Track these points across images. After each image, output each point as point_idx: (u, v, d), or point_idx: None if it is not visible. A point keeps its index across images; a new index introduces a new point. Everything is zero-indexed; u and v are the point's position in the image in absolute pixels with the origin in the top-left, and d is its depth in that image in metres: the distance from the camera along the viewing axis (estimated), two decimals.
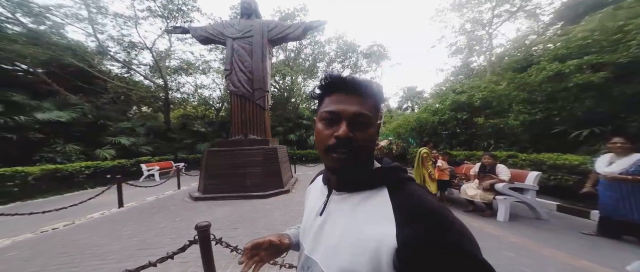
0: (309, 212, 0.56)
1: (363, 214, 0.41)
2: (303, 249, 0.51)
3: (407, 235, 0.34)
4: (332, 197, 0.49)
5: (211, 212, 4.23)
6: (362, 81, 0.43)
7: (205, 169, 5.51)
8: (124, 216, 4.20)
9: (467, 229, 0.36)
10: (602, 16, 4.65)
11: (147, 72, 14.34)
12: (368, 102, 0.43)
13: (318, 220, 0.49)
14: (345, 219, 0.43)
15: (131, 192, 5.89)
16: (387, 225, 0.37)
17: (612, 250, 2.41)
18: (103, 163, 8.01)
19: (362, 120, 0.42)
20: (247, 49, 6.22)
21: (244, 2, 6.46)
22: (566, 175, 3.89)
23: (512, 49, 8.35)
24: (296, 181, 7.04)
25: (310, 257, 0.47)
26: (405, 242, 0.34)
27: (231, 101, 6.39)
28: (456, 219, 0.37)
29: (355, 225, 0.40)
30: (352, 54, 16.71)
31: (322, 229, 0.47)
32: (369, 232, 0.38)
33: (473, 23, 13.92)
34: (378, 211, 0.40)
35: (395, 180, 0.44)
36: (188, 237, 3.04)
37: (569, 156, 4.08)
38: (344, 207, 0.45)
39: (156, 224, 3.66)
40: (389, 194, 0.41)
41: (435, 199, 0.40)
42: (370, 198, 0.42)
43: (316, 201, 0.54)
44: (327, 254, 0.43)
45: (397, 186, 0.43)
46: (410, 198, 0.40)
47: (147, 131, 12.10)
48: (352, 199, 0.44)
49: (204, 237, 1.84)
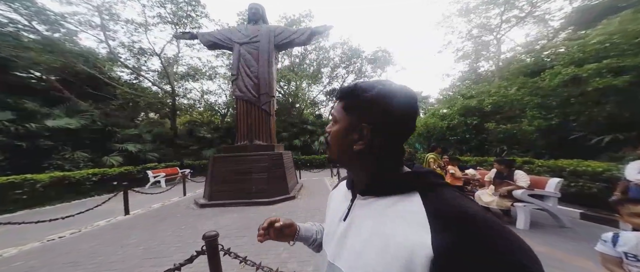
0: (331, 218, 0.54)
1: (392, 220, 0.38)
2: (326, 255, 0.49)
3: (446, 243, 0.31)
4: (357, 201, 0.47)
5: (217, 219, 4.14)
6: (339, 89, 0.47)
7: (211, 175, 5.46)
8: (129, 223, 4.16)
9: (521, 239, 0.31)
10: (622, 19, 4.55)
11: (155, 79, 14.65)
12: (341, 104, 0.47)
13: (342, 225, 0.47)
14: (371, 224, 0.40)
15: (137, 199, 5.88)
16: (421, 232, 0.34)
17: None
18: (110, 170, 8.07)
19: (332, 120, 0.49)
20: (254, 54, 6.27)
21: (251, 7, 6.56)
22: (589, 182, 3.73)
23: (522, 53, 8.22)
24: (301, 187, 6.93)
25: (333, 264, 0.45)
26: (443, 251, 0.31)
27: (237, 106, 6.40)
28: (506, 227, 0.32)
29: (383, 231, 0.38)
30: (357, 59, 16.78)
31: (346, 235, 0.45)
32: (400, 239, 0.35)
33: (480, 28, 13.88)
34: (409, 217, 0.36)
35: (429, 184, 0.40)
36: (194, 245, 2.99)
37: (591, 162, 3.92)
38: (369, 212, 0.42)
39: (162, 232, 3.58)
40: (421, 199, 0.38)
41: (477, 205, 0.36)
42: (399, 203, 0.39)
43: (339, 205, 0.52)
44: (351, 261, 0.41)
45: (431, 191, 0.39)
46: (448, 203, 0.36)
47: (153, 138, 12.24)
48: (379, 203, 0.42)
49: (211, 247, 1.76)
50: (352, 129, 0.44)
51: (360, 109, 0.43)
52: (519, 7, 12.06)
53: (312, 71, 16.61)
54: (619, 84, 4.20)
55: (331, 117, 0.49)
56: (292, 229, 0.65)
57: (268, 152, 5.69)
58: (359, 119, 0.43)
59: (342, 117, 0.46)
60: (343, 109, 0.46)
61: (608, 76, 4.42)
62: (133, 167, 8.93)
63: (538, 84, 5.58)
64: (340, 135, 0.46)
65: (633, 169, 2.58)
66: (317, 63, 16.85)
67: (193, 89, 16.14)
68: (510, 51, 12.74)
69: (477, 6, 13.01)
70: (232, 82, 6.44)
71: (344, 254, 0.43)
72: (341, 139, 0.46)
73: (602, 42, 4.58)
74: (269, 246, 2.96)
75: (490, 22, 13.36)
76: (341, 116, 0.46)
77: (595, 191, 3.59)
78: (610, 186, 3.13)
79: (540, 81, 5.50)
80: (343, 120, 0.46)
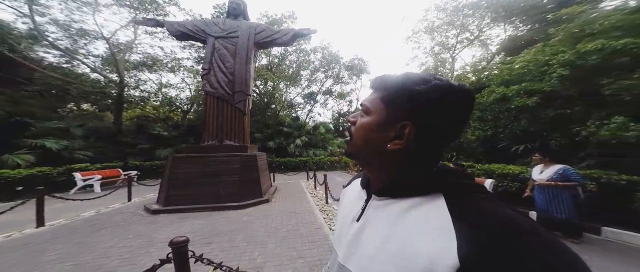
0: (343, 217, 0.50)
1: (411, 224, 0.35)
2: (336, 255, 0.46)
3: (476, 252, 0.27)
4: (372, 202, 0.43)
5: (176, 226, 3.53)
6: (377, 77, 0.44)
7: (169, 177, 4.71)
8: (45, 237, 3.17)
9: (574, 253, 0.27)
10: (535, 50, 5.88)
11: (98, 65, 12.25)
12: (375, 95, 0.42)
13: (354, 226, 0.43)
14: (387, 228, 0.37)
15: (58, 208, 4.61)
16: (445, 238, 0.30)
17: None
18: (11, 172, 6.13)
19: (362, 110, 0.43)
20: (231, 50, 5.91)
21: (232, 2, 6.27)
22: (510, 182, 4.54)
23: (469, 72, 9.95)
24: (276, 190, 6.57)
25: (344, 266, 0.41)
26: (472, 262, 0.27)
27: (206, 103, 5.82)
28: (556, 237, 0.28)
29: (399, 236, 0.35)
30: (335, 65, 17.27)
31: (359, 237, 0.41)
32: (419, 245, 0.32)
33: (440, 46, 16.12)
34: (432, 221, 0.33)
35: (456, 185, 0.37)
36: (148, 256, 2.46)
37: (512, 166, 4.83)
38: (386, 215, 0.39)
39: (100, 244, 2.85)
40: (446, 202, 0.34)
41: (517, 211, 0.32)
42: (420, 206, 0.36)
43: (353, 205, 0.49)
44: (363, 265, 0.38)
45: (458, 193, 0.35)
46: (478, 207, 0.32)
47: (87, 133, 10.00)
48: (397, 205, 0.38)
49: (180, 254, 1.50)
50: (390, 126, 0.38)
51: (406, 105, 0.37)
52: (470, 30, 14.58)
53: (291, 73, 16.37)
54: (530, 104, 5.40)
55: (361, 106, 0.43)
56: None
57: (240, 153, 5.28)
58: (402, 116, 0.37)
59: (378, 110, 0.40)
60: (382, 101, 0.40)
61: (524, 97, 5.62)
62: (51, 169, 7.00)
63: (479, 99, 6.78)
64: (371, 129, 0.40)
65: (536, 172, 3.28)
66: (297, 65, 16.73)
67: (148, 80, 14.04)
68: (461, 69, 15.05)
69: (440, 26, 15.19)
70: (202, 76, 5.89)
71: (355, 257, 0.40)
72: (373, 134, 0.40)
73: (522, 68, 5.83)
74: (242, 250, 2.67)
75: (448, 41, 15.64)
76: (377, 109, 0.40)
77: (515, 190, 4.38)
78: (523, 185, 3.89)
79: (480, 97, 6.72)
80: (378, 114, 0.40)
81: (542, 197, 3.09)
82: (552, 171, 3.03)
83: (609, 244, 2.90)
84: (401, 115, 0.37)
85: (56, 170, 7.09)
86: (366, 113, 0.42)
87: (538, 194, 3.15)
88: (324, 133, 15.26)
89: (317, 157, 13.36)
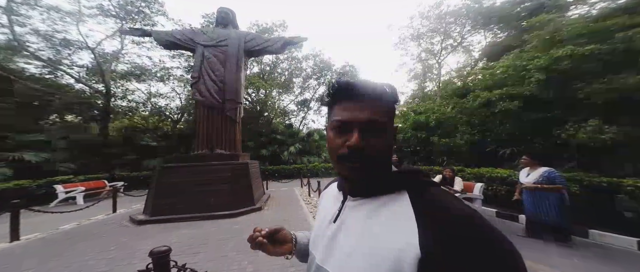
0: (321, 219, 0.52)
1: (381, 221, 0.38)
2: (314, 258, 0.47)
3: (433, 243, 0.31)
4: (347, 203, 0.46)
5: (163, 236, 3.41)
6: (372, 85, 0.40)
7: (157, 187, 4.58)
8: (20, 250, 3.00)
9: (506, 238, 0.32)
10: (513, 56, 6.14)
11: (83, 75, 11.94)
12: (380, 107, 0.40)
13: (332, 227, 0.45)
14: (361, 226, 0.40)
15: (36, 221, 4.36)
16: (409, 233, 0.33)
17: (540, 248, 2.80)
18: None
19: (375, 127, 0.39)
20: (220, 58, 5.95)
21: (221, 11, 6.37)
22: (499, 185, 4.60)
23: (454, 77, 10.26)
24: (268, 197, 6.47)
25: (322, 267, 0.43)
26: (430, 251, 0.30)
27: (197, 112, 5.78)
28: (494, 226, 0.32)
29: (372, 233, 0.37)
30: (327, 71, 17.43)
31: (335, 237, 0.43)
32: (389, 240, 0.35)
33: (427, 52, 16.72)
34: (398, 218, 0.36)
35: (417, 184, 0.41)
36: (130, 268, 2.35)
37: (500, 169, 4.91)
38: (359, 214, 0.42)
39: (78, 257, 2.72)
40: (410, 199, 0.38)
41: (464, 204, 0.36)
42: (388, 204, 0.39)
43: (330, 207, 0.51)
44: (341, 264, 0.39)
45: (420, 190, 0.39)
46: (435, 202, 0.36)
47: (70, 145, 9.60)
48: (369, 204, 0.41)
49: (161, 265, 1.42)
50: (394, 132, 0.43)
51: (392, 109, 0.42)
52: (453, 37, 15.25)
53: (284, 80, 16.43)
54: (513, 107, 5.58)
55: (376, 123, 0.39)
56: (283, 235, 0.57)
57: (231, 162, 5.21)
58: (391, 120, 0.41)
59: (390, 121, 0.41)
60: (386, 112, 0.40)
61: (507, 101, 5.80)
62: (30, 182, 6.65)
63: (465, 104, 7.00)
64: (390, 144, 0.41)
65: (523, 175, 3.26)
66: (289, 73, 16.83)
67: (137, 90, 13.75)
68: (447, 74, 15.62)
69: (425, 32, 15.82)
70: (192, 85, 5.88)
71: (333, 257, 0.42)
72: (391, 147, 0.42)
73: (503, 73, 6.04)
74: (231, 260, 2.61)
75: (434, 47, 16.26)
76: (387, 120, 0.40)
77: (504, 193, 4.44)
78: (512, 188, 3.90)
79: (466, 102, 6.94)
80: (388, 125, 0.40)
81: (530, 200, 3.08)
82: (538, 174, 3.03)
83: (597, 247, 2.87)
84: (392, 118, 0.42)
85: (36, 183, 6.73)
86: (382, 127, 0.40)
87: (526, 197, 3.14)
88: (318, 140, 15.27)
89: (311, 164, 13.30)
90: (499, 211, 4.37)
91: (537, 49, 5.63)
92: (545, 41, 5.47)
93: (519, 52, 6.17)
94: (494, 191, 4.66)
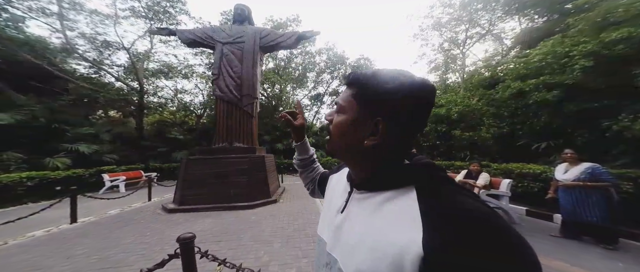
0: (329, 205, 0.53)
1: (385, 216, 0.37)
2: (324, 243, 0.48)
3: (437, 242, 0.29)
4: (353, 195, 0.45)
5: (189, 225, 3.77)
6: (350, 73, 0.44)
7: (183, 178, 5.01)
8: (77, 232, 3.54)
9: (524, 240, 0.28)
10: (553, 42, 5.45)
11: (121, 74, 13.25)
12: (348, 92, 0.43)
13: (339, 217, 0.46)
14: (364, 219, 0.39)
15: (89, 206, 5.08)
16: (413, 230, 0.32)
17: (577, 250, 2.60)
18: (52, 173, 6.85)
19: (337, 110, 0.44)
20: (237, 55, 6.12)
21: (237, 8, 6.48)
22: (531, 182, 4.28)
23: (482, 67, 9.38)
24: (284, 190, 6.73)
25: (331, 254, 0.44)
26: (433, 251, 0.29)
27: (216, 107, 6.09)
28: (508, 225, 0.29)
29: (374, 227, 0.37)
30: (341, 65, 17.10)
31: (342, 227, 0.44)
32: (391, 236, 0.33)
33: (450, 42, 15.46)
34: (402, 214, 0.35)
35: (427, 179, 0.38)
36: (162, 253, 2.67)
37: (533, 165, 4.51)
38: (364, 208, 0.41)
39: (121, 240, 3.13)
40: (417, 195, 0.36)
41: (481, 202, 0.33)
42: (394, 199, 0.38)
43: (339, 195, 0.51)
44: (345, 253, 0.40)
45: (429, 186, 0.37)
46: (444, 199, 0.34)
47: (113, 138, 10.87)
48: (374, 199, 0.40)
49: (187, 251, 1.61)
50: (364, 123, 0.40)
51: (377, 102, 0.39)
52: (480, 25, 13.79)
53: (298, 75, 16.49)
54: (550, 98, 5.01)
55: (336, 105, 0.44)
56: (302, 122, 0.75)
57: (249, 155, 5.46)
58: (375, 112, 0.39)
59: (352, 108, 0.41)
60: (354, 99, 0.41)
61: (543, 91, 5.24)
62: (84, 170, 7.74)
63: (493, 96, 6.39)
64: (347, 127, 0.41)
65: (559, 171, 3.02)
66: (303, 67, 16.80)
67: (165, 87, 14.91)
68: (473, 65, 14.31)
69: (448, 21, 14.55)
70: (212, 81, 6.17)
71: (339, 246, 0.42)
72: (349, 132, 0.41)
73: (540, 61, 5.43)
74: (249, 249, 2.79)
75: (457, 37, 14.95)
76: (350, 106, 0.41)
77: (536, 190, 4.13)
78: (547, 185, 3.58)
79: (495, 93, 6.33)
80: (352, 112, 0.41)
81: (567, 199, 2.83)
82: (578, 170, 2.76)
83: None
84: (375, 111, 0.39)
85: (88, 172, 7.82)
86: (341, 111, 0.43)
87: (563, 196, 2.89)
88: None
89: (324, 159, 13.41)
90: (529, 209, 4.05)
91: (583, 33, 4.90)
92: (594, 23, 4.70)
93: (560, 37, 5.39)
94: (524, 188, 4.30)
